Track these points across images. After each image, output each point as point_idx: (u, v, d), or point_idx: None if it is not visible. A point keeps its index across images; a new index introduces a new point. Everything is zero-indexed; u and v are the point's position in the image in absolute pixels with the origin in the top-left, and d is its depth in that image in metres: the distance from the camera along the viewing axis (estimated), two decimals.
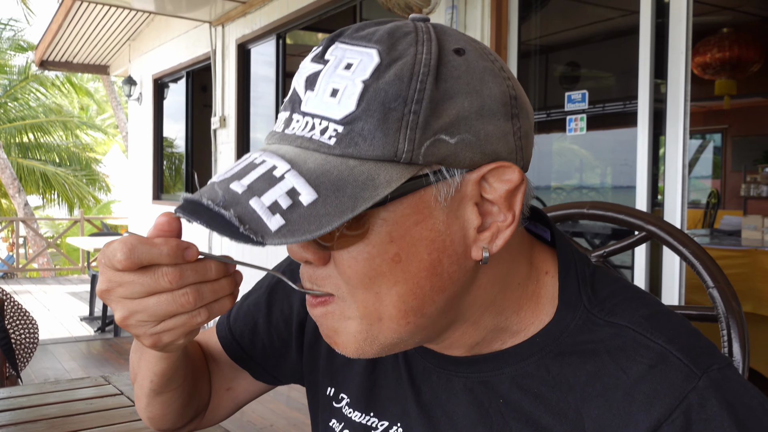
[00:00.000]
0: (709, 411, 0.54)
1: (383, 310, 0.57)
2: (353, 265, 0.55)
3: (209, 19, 6.21)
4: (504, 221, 0.57)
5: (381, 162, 0.52)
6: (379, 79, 0.53)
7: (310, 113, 0.55)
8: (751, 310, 3.94)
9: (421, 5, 3.11)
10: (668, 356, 0.56)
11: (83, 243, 7.37)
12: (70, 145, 15.05)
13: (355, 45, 0.55)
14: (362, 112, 0.52)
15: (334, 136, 0.53)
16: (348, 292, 0.57)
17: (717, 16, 6.67)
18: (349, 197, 0.51)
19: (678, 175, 2.57)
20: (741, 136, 9.46)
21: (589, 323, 0.61)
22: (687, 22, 2.53)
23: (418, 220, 0.55)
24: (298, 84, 0.57)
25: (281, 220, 0.50)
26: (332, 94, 0.54)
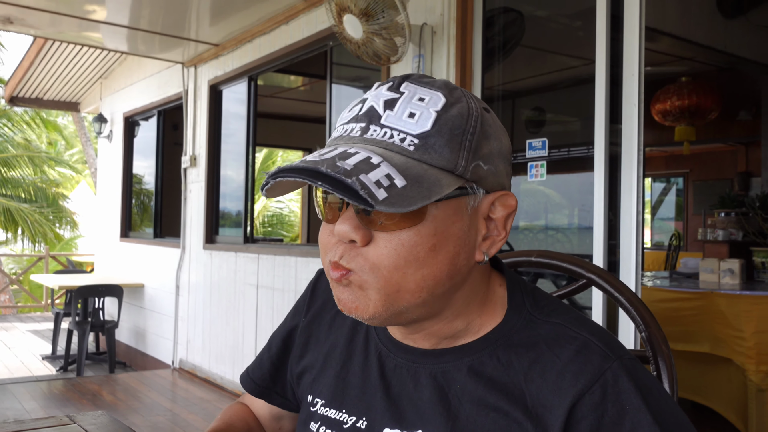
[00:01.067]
0: (620, 385, 0.70)
1: (404, 285, 0.72)
2: (398, 248, 0.71)
3: (182, 60, 6.29)
4: (498, 236, 0.77)
5: (443, 171, 0.70)
6: (447, 112, 0.72)
7: (389, 126, 0.72)
8: (708, 350, 4.03)
9: (389, 54, 3.22)
10: (590, 344, 0.73)
11: (47, 280, 7.28)
12: (37, 181, 14.88)
13: (422, 86, 0.75)
14: (435, 132, 0.71)
15: (412, 145, 0.70)
16: (372, 269, 0.72)
17: (675, 66, 6.93)
18: (426, 189, 0.67)
19: (632, 219, 2.67)
20: (701, 181, 9.75)
21: (532, 322, 0.78)
22: (639, 75, 2.66)
23: (455, 221, 0.73)
24: (376, 104, 0.74)
25: (385, 193, 0.65)
26: (410, 116, 0.72)
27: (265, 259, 5.10)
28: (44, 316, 10.23)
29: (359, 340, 0.89)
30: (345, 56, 4.40)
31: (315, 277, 1.01)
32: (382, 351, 0.85)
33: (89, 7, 4.98)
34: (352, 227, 0.71)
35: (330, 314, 0.95)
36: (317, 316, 0.96)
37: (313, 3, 4.50)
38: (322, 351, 0.92)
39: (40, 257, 11.13)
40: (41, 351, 7.24)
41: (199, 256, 6.07)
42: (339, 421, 0.85)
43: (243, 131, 5.57)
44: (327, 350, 0.92)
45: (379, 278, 0.72)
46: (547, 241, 3.73)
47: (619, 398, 0.69)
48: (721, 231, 5.22)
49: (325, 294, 0.97)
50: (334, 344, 0.91)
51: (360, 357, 0.87)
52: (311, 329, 0.96)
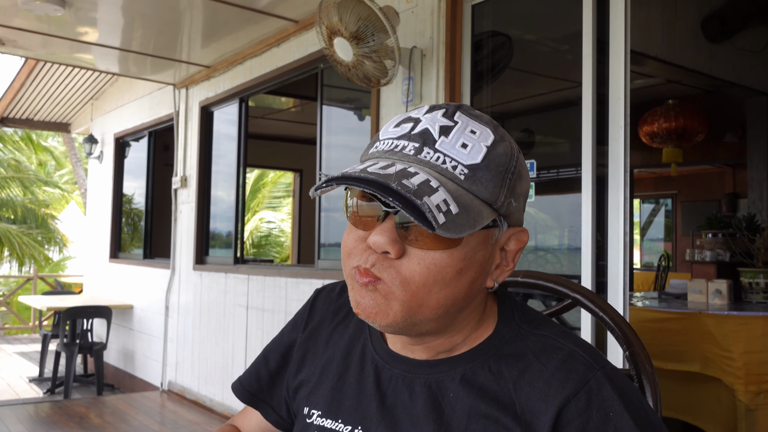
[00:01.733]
0: (604, 393, 0.74)
1: (426, 302, 0.76)
2: (430, 267, 0.75)
3: (173, 82, 6.31)
4: (507, 266, 0.83)
5: (485, 203, 0.75)
6: (495, 149, 0.77)
7: (442, 152, 0.75)
8: (698, 370, 4.04)
9: (379, 77, 3.26)
10: (575, 354, 0.78)
11: (35, 301, 7.23)
12: (26, 202, 14.82)
13: (473, 119, 0.79)
14: (484, 167, 0.75)
15: (462, 174, 0.74)
16: (402, 283, 0.75)
17: (662, 89, 7.02)
18: (472, 218, 0.72)
19: (620, 240, 2.70)
20: (689, 202, 9.83)
21: (520, 334, 0.83)
22: (625, 98, 2.70)
23: (481, 248, 0.78)
24: (431, 128, 0.77)
25: (444, 218, 0.69)
26: (462, 146, 0.76)
27: (255, 280, 5.09)
28: (32, 337, 10.14)
29: (356, 353, 0.91)
30: (335, 78, 4.44)
31: (314, 295, 1.04)
32: (379, 363, 0.88)
33: (81, 29, 5.01)
34: (389, 240, 0.74)
35: (327, 330, 0.97)
36: (315, 332, 0.99)
37: (304, 26, 4.55)
38: (318, 365, 0.95)
39: (28, 278, 11.06)
40: (28, 373, 7.17)
41: (189, 276, 6.06)
42: (335, 430, 0.87)
43: (234, 152, 5.59)
44: (324, 364, 0.94)
45: (407, 292, 0.75)
46: (537, 262, 3.75)
47: (603, 405, 0.73)
48: (708, 252, 5.26)
49: (323, 311, 1.00)
50: (330, 358, 0.94)
51: (356, 369, 0.90)
52: (308, 345, 0.98)
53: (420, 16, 3.62)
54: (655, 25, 4.77)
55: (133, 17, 4.82)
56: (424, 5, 3.60)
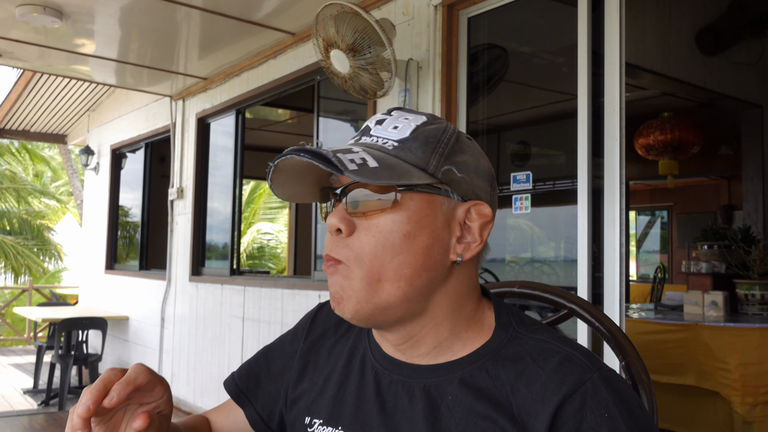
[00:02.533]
0: (600, 395, 0.75)
1: (383, 273, 0.79)
2: (377, 235, 0.79)
3: (170, 93, 6.32)
4: (474, 242, 0.84)
5: (416, 167, 0.80)
6: (425, 127, 0.83)
7: (376, 135, 0.84)
8: (693, 383, 4.04)
9: (376, 89, 3.27)
10: (572, 357, 0.79)
11: (30, 313, 7.19)
12: (22, 213, 14.79)
13: (408, 113, 0.86)
14: (412, 138, 0.82)
15: (392, 146, 0.81)
16: (357, 259, 0.79)
17: (657, 101, 7.06)
18: (396, 174, 0.77)
19: (616, 251, 2.70)
20: (685, 214, 9.85)
21: (517, 338, 0.84)
22: (620, 110, 2.71)
23: (427, 214, 0.80)
24: (370, 123, 0.86)
25: (356, 166, 0.75)
26: (394, 128, 0.83)
27: (251, 291, 5.08)
28: (26, 349, 10.08)
29: (356, 362, 0.93)
30: (332, 90, 4.45)
31: (316, 308, 1.05)
32: (378, 369, 0.89)
33: (78, 40, 5.02)
34: (339, 218, 0.80)
35: (329, 342, 0.99)
36: (316, 343, 1.00)
37: (301, 38, 4.56)
38: (321, 376, 0.96)
39: (23, 290, 11.01)
40: (23, 385, 7.13)
41: (185, 288, 6.04)
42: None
43: (230, 164, 5.59)
44: (326, 375, 0.95)
45: (362, 267, 0.79)
46: (533, 274, 3.75)
47: (598, 406, 0.74)
48: (704, 263, 5.27)
49: (325, 324, 1.01)
50: (332, 369, 0.95)
51: (356, 377, 0.91)
52: (309, 356, 1.00)
53: (416, 28, 3.64)
54: (650, 37, 4.81)
55: (130, 29, 4.83)
56: (421, 18, 3.62)
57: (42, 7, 4.19)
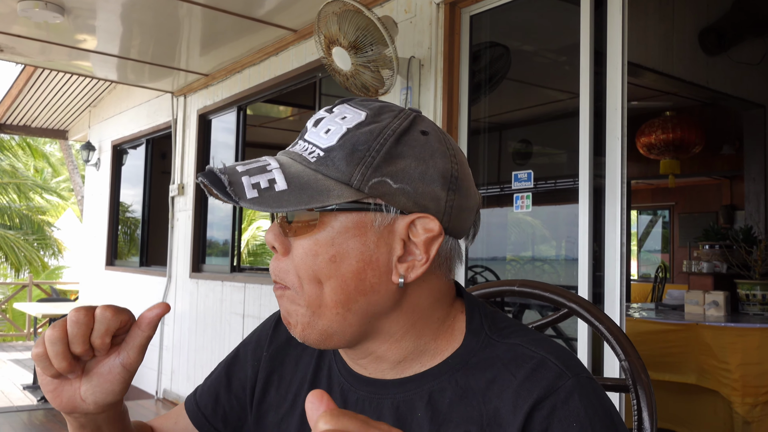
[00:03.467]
0: (571, 404, 0.69)
1: (322, 299, 0.74)
2: (304, 258, 0.73)
3: (171, 90, 6.32)
4: (420, 260, 0.75)
5: (338, 182, 0.72)
6: (357, 130, 0.73)
7: (308, 141, 0.76)
8: (694, 382, 4.04)
9: (377, 86, 3.26)
10: (547, 362, 0.73)
11: (30, 308, 7.20)
12: (23, 208, 14.79)
13: (355, 107, 0.77)
14: (338, 147, 0.73)
15: (315, 157, 0.73)
16: (299, 284, 0.74)
17: (659, 100, 7.05)
18: (309, 196, 0.70)
19: (617, 251, 2.70)
20: (687, 213, 9.84)
21: (490, 344, 0.77)
22: (622, 109, 2.70)
23: (354, 234, 0.73)
24: (309, 123, 0.78)
25: (256, 194, 0.69)
26: (326, 132, 0.74)
27: (251, 288, 5.08)
28: (26, 345, 10.09)
29: (323, 377, 0.88)
30: (333, 87, 4.44)
31: (278, 313, 0.97)
32: (344, 385, 0.84)
33: (80, 36, 5.01)
34: (274, 235, 0.75)
35: (296, 352, 0.93)
36: (280, 351, 0.94)
37: (303, 35, 4.56)
38: (291, 390, 0.90)
39: (23, 285, 11.02)
40: (22, 380, 7.13)
41: (186, 284, 6.04)
42: None
43: (231, 160, 5.58)
44: (296, 390, 0.90)
45: (304, 293, 0.74)
46: (534, 273, 3.74)
47: (568, 416, 0.69)
48: (705, 263, 5.26)
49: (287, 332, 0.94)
50: (301, 384, 0.90)
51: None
52: (274, 364, 0.94)
53: (418, 26, 3.63)
54: (653, 37, 4.80)
55: (132, 25, 4.82)
56: (423, 15, 3.61)
57: (43, 3, 4.18)
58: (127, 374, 0.77)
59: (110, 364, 0.76)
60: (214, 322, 5.55)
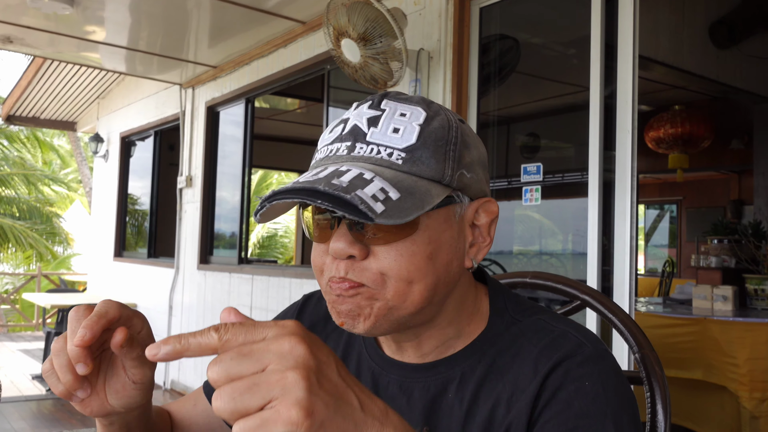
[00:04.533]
0: (585, 367, 0.72)
1: (409, 296, 0.73)
2: (399, 259, 0.72)
3: (179, 82, 6.32)
4: (484, 242, 0.80)
5: (432, 181, 0.73)
6: (429, 125, 0.74)
7: (375, 142, 0.73)
8: (701, 377, 4.03)
9: (386, 78, 3.25)
10: (567, 333, 0.76)
11: (39, 299, 7.23)
12: (31, 200, 14.85)
13: (402, 102, 0.77)
14: (420, 145, 0.73)
15: (400, 159, 0.72)
16: (382, 281, 0.73)
17: (668, 94, 7.01)
18: (418, 200, 0.70)
19: (626, 245, 2.69)
20: (694, 208, 9.80)
21: (514, 323, 0.81)
22: (633, 103, 2.69)
23: (445, 228, 0.75)
24: (359, 122, 0.76)
25: (382, 206, 0.67)
26: (394, 131, 0.74)
27: (259, 280, 5.09)
28: (35, 335, 10.14)
29: (351, 361, 0.88)
30: (342, 80, 4.44)
31: (301, 301, 1.00)
32: (375, 370, 0.85)
33: (89, 27, 5.02)
34: (348, 243, 0.72)
35: (322, 336, 0.92)
36: None
37: (312, 27, 4.55)
38: None
39: (32, 276, 11.07)
40: (31, 370, 7.18)
41: (193, 276, 6.06)
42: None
43: (239, 153, 5.59)
44: None
45: (389, 290, 0.73)
46: (541, 266, 3.74)
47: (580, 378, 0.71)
48: (714, 258, 5.24)
49: (313, 317, 0.96)
50: None
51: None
52: None
53: (428, 18, 3.62)
54: (663, 30, 4.77)
55: (141, 17, 4.83)
56: (432, 7, 3.60)
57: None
58: (141, 387, 0.74)
59: (123, 381, 0.73)
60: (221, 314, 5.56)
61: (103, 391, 0.73)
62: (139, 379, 0.72)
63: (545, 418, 0.70)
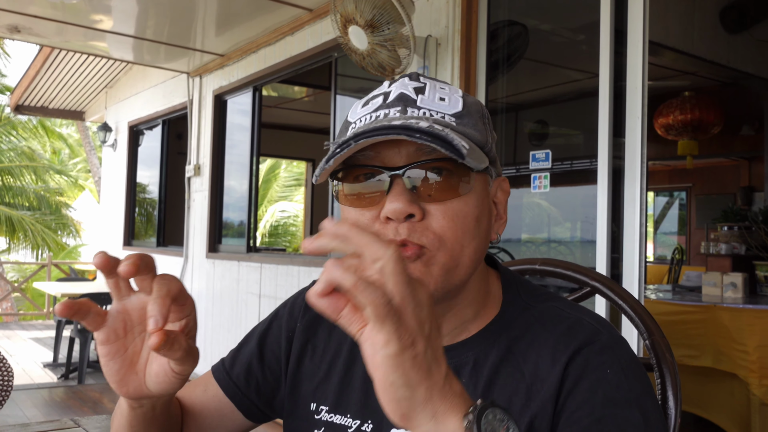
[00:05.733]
0: (605, 354, 0.73)
1: (461, 259, 0.74)
2: (455, 220, 0.73)
3: (187, 70, 6.32)
4: (501, 219, 0.82)
5: (478, 146, 0.75)
6: (468, 98, 0.79)
7: (426, 107, 0.76)
8: (710, 364, 4.02)
9: (394, 65, 3.24)
10: (582, 321, 0.77)
11: (49, 288, 7.28)
12: (40, 190, 14.92)
13: (435, 80, 0.81)
14: (467, 113, 0.76)
15: (453, 121, 0.75)
16: (440, 243, 0.72)
17: (678, 80, 6.95)
18: (480, 155, 0.73)
19: (636, 232, 2.68)
20: (704, 195, 9.74)
21: (527, 309, 0.81)
22: (642, 89, 2.67)
23: (485, 195, 0.77)
24: (406, 91, 0.77)
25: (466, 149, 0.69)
26: (440, 99, 0.77)
27: (267, 269, 5.11)
28: (46, 323, 10.22)
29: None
30: (349, 67, 4.42)
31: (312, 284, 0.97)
32: None
33: (96, 16, 5.02)
34: (407, 202, 0.71)
35: (328, 322, 0.90)
36: (314, 321, 0.94)
37: (319, 14, 4.53)
38: (325, 359, 0.90)
39: (42, 265, 11.14)
40: (43, 358, 7.24)
41: (202, 264, 6.08)
42: (343, 426, 0.84)
43: (247, 141, 5.59)
44: (330, 358, 0.89)
45: (445, 252, 0.73)
46: (550, 254, 3.73)
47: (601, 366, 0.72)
48: (724, 245, 5.22)
49: None
50: (337, 351, 0.89)
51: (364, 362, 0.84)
52: (308, 334, 0.93)
53: (435, 4, 3.60)
54: (673, 15, 4.72)
55: (148, 5, 4.82)
56: None
57: None
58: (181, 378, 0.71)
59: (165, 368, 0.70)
60: (230, 302, 5.59)
61: (143, 373, 0.71)
62: (180, 371, 0.70)
63: (571, 409, 0.70)
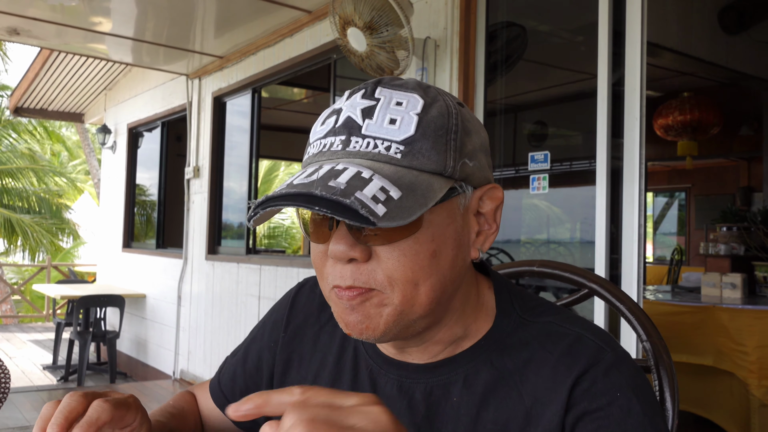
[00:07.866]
0: (612, 376, 0.70)
1: (417, 298, 0.69)
2: (402, 260, 0.68)
3: (186, 72, 6.32)
4: (490, 229, 0.75)
5: (434, 174, 0.68)
6: (427, 114, 0.69)
7: (371, 136, 0.68)
8: (711, 363, 4.02)
9: (392, 67, 3.24)
10: (583, 338, 0.73)
11: (49, 290, 7.28)
12: (40, 192, 14.92)
13: (397, 90, 0.71)
14: (420, 136, 0.68)
15: (399, 152, 0.67)
16: (390, 284, 0.69)
17: (677, 80, 6.96)
18: (420, 197, 0.65)
19: (634, 233, 2.68)
20: (703, 195, 9.74)
21: (522, 324, 0.76)
22: (641, 90, 2.67)
23: (449, 223, 0.71)
24: (353, 114, 0.70)
25: (384, 208, 0.62)
26: (391, 122, 0.68)
27: (267, 270, 5.11)
28: (45, 326, 10.22)
29: (348, 357, 0.84)
30: (348, 69, 4.43)
31: (294, 291, 0.96)
32: (373, 368, 0.81)
33: (95, 18, 5.02)
34: (349, 246, 0.68)
35: (313, 330, 0.90)
36: (299, 332, 0.91)
37: (318, 16, 4.53)
38: (310, 371, 0.87)
39: (42, 267, 11.14)
40: (42, 361, 7.24)
41: (202, 266, 6.08)
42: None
43: (246, 143, 5.60)
44: (316, 370, 0.87)
45: (399, 293, 0.69)
46: (549, 255, 3.73)
47: (610, 389, 0.69)
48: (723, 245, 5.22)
49: (306, 309, 0.92)
50: (323, 363, 0.87)
51: (349, 376, 0.83)
52: (293, 345, 0.91)
53: (434, 6, 3.60)
54: (671, 16, 4.73)
55: (146, 7, 4.82)
56: None
57: None
58: None
59: None
60: (230, 304, 5.59)
61: None
62: None
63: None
